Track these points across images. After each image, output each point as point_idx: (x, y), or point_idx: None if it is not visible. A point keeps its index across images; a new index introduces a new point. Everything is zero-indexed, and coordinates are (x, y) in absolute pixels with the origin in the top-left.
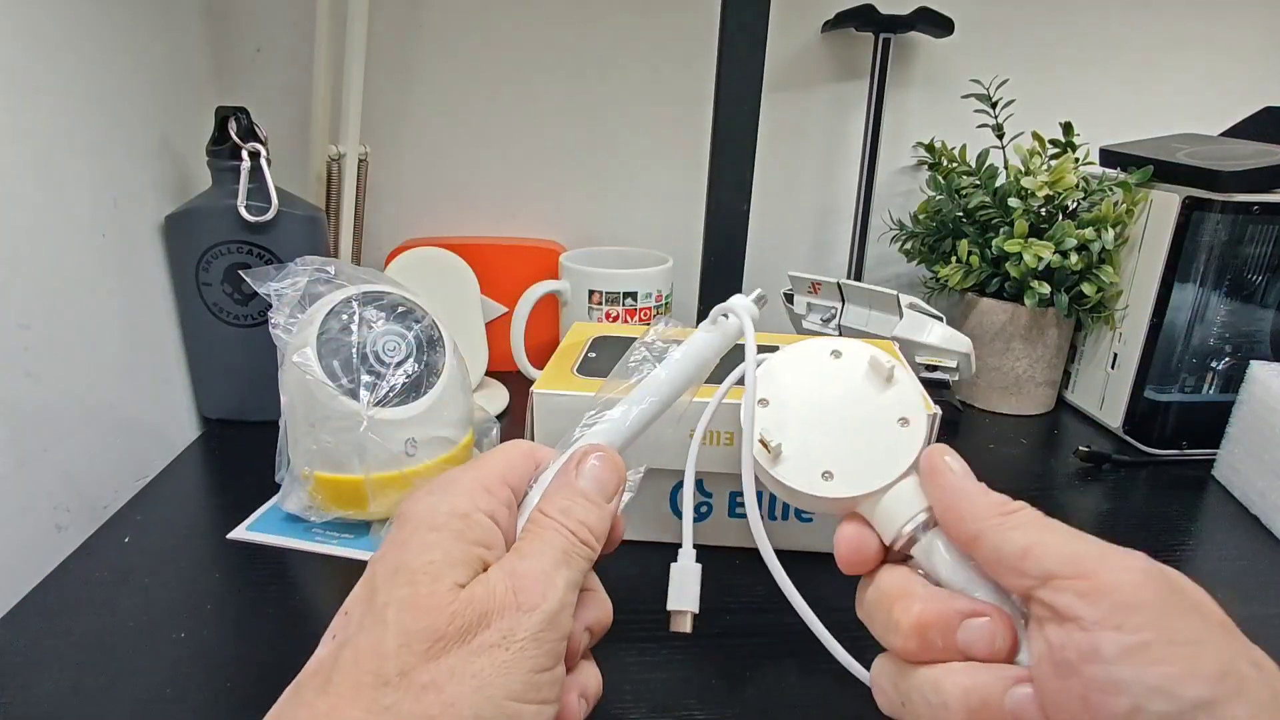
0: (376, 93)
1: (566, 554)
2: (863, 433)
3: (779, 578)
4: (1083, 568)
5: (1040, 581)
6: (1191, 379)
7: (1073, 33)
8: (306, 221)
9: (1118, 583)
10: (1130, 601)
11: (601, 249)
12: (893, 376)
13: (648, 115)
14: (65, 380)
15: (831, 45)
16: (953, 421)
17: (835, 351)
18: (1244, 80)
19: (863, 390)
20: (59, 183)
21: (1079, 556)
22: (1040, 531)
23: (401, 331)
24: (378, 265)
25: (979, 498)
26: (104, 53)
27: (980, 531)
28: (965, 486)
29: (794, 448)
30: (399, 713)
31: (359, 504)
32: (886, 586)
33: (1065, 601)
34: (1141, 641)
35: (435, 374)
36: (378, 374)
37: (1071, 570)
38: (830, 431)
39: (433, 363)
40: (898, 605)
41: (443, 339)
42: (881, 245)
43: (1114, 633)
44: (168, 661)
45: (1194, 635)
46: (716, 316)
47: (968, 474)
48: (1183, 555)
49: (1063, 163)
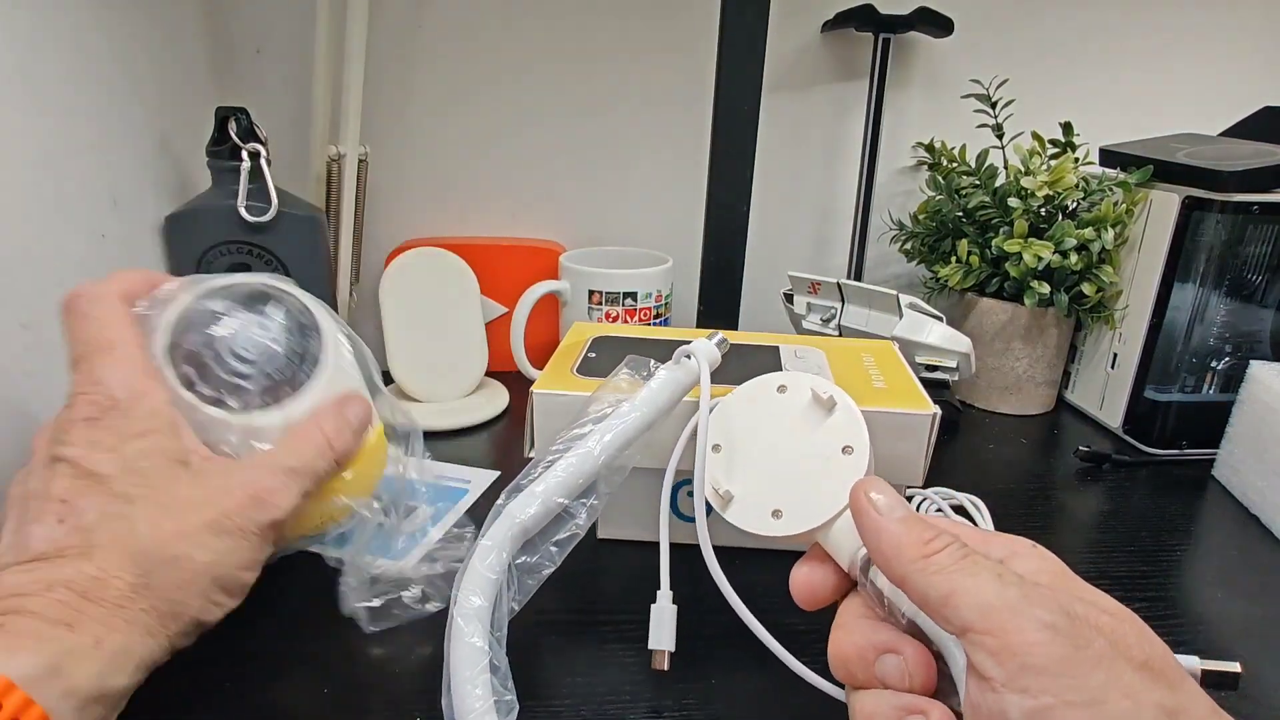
0: (376, 93)
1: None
2: (808, 466)
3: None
4: (995, 622)
5: (960, 631)
6: (1191, 379)
7: (1073, 33)
8: (306, 222)
9: (1025, 643)
10: (1036, 663)
11: (601, 249)
12: (834, 406)
13: (648, 115)
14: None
15: (831, 45)
16: (953, 421)
17: (781, 386)
18: (1244, 80)
19: (806, 423)
20: (59, 183)
21: (993, 610)
22: (960, 576)
23: (261, 321)
24: (378, 265)
25: (903, 536)
26: (104, 53)
27: (905, 575)
28: (888, 526)
29: (744, 490)
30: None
31: None
32: (838, 614)
33: (979, 659)
34: (1043, 705)
35: (311, 363)
36: (240, 374)
37: (985, 624)
38: (778, 469)
39: (307, 351)
40: (833, 635)
41: (316, 323)
42: (881, 245)
43: (1019, 696)
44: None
45: (1096, 695)
46: (679, 357)
47: (895, 505)
48: (1183, 555)
49: (1062, 163)
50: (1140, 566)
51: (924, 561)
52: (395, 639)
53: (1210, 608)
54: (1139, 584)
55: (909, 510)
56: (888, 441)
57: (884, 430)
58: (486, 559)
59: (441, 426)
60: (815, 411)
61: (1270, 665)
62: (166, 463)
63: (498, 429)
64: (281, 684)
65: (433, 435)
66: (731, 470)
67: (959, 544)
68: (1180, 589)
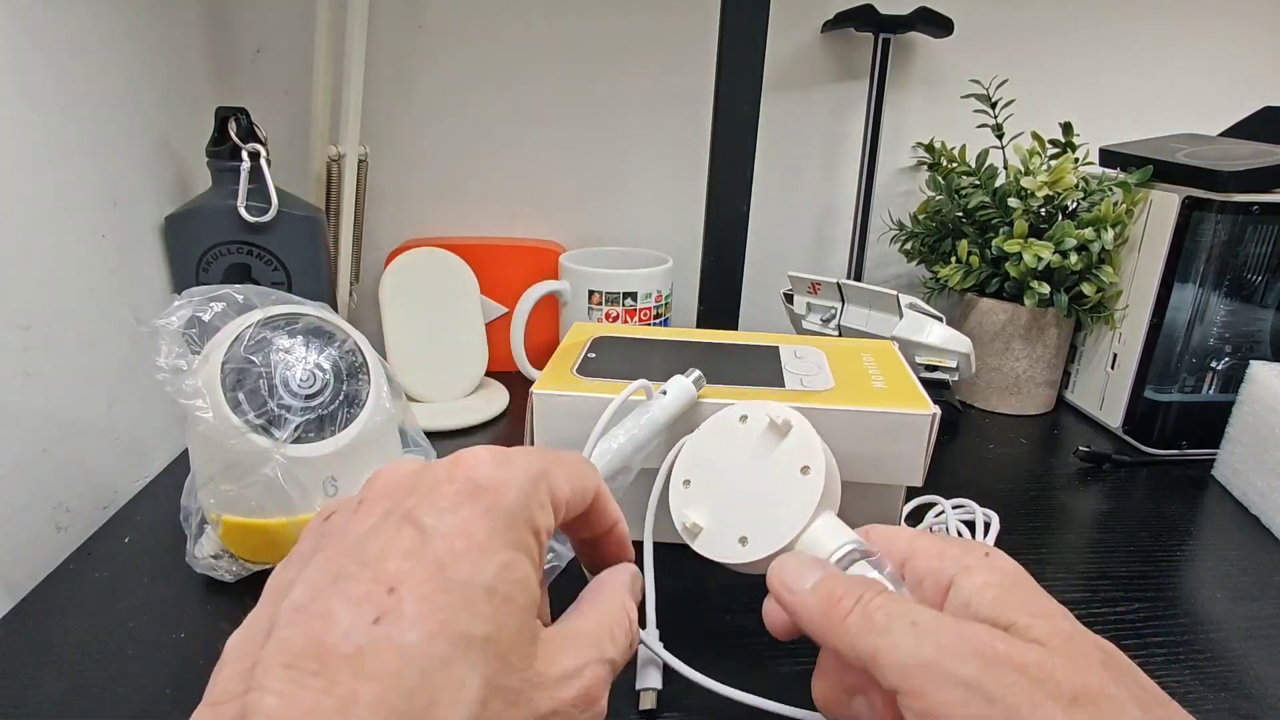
0: (376, 93)
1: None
2: (769, 490)
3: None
4: (915, 684)
5: (892, 692)
6: (1191, 379)
7: (1073, 33)
8: (306, 222)
9: (942, 703)
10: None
11: (601, 249)
12: (789, 429)
13: (648, 115)
14: (65, 380)
15: (831, 45)
16: (953, 422)
17: (742, 416)
18: (1244, 80)
19: (765, 448)
20: (59, 183)
21: (910, 671)
22: (876, 636)
23: (316, 358)
24: (378, 265)
25: (815, 607)
26: (104, 53)
27: (832, 643)
28: (801, 600)
29: (711, 521)
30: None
31: (272, 551)
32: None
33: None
34: None
35: (357, 405)
36: (288, 407)
37: (907, 686)
38: (742, 497)
39: (354, 393)
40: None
41: (366, 365)
42: (881, 245)
43: None
44: (168, 662)
45: None
46: (655, 394)
47: (805, 572)
48: (1183, 555)
49: (1062, 163)
50: (1140, 566)
51: (841, 626)
52: None
53: (1210, 608)
54: (1139, 584)
55: (821, 571)
56: (887, 441)
57: (884, 430)
58: None
59: (441, 427)
60: (773, 436)
61: (1270, 665)
62: (526, 604)
63: (498, 429)
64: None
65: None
66: (699, 502)
67: (870, 595)
68: (1180, 589)
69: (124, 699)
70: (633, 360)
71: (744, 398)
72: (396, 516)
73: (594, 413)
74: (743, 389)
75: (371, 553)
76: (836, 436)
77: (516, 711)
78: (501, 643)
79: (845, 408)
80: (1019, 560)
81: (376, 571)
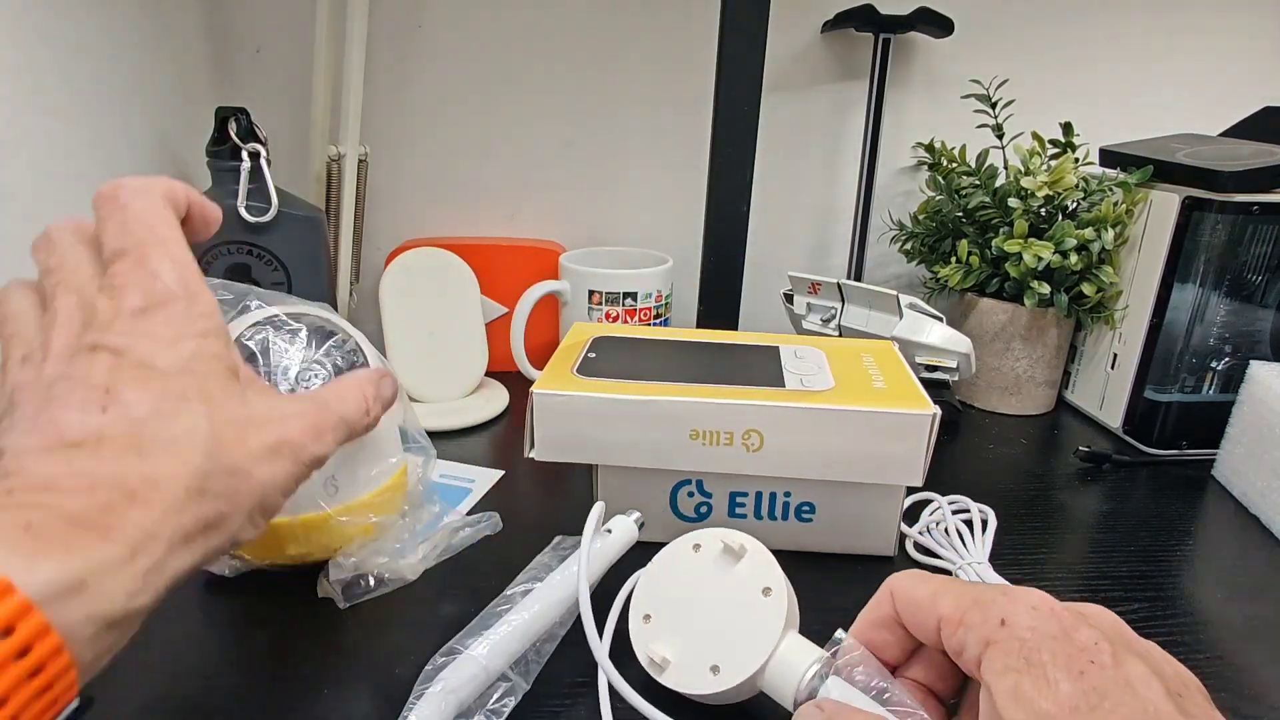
0: (376, 93)
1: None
2: (734, 616)
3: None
4: None
5: None
6: (1191, 379)
7: (1073, 33)
8: (306, 222)
9: None
10: None
11: (601, 249)
12: (744, 552)
13: (648, 115)
14: None
15: (831, 45)
16: (953, 422)
17: (695, 545)
18: (1244, 80)
19: (724, 573)
20: (59, 182)
21: None
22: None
23: (319, 357)
24: (378, 265)
25: None
26: (104, 53)
27: None
28: None
29: (679, 653)
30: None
31: (273, 549)
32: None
33: None
34: None
35: None
36: None
37: None
38: (708, 625)
39: None
40: None
41: (367, 364)
42: (881, 245)
43: None
44: (168, 662)
45: None
46: (600, 531)
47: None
48: (1183, 555)
49: (1062, 163)
50: (1140, 566)
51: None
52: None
53: (1210, 608)
54: (1139, 584)
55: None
56: (888, 441)
57: (884, 430)
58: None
59: (441, 427)
60: (728, 560)
61: (1270, 665)
62: (223, 370)
63: (498, 429)
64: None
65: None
66: (664, 635)
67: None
68: (1180, 589)
69: (124, 699)
70: (633, 360)
71: (744, 398)
72: (84, 351)
73: (594, 413)
74: (743, 389)
75: (77, 376)
76: (836, 436)
77: (246, 441)
78: (214, 397)
79: (845, 408)
80: (1019, 560)
81: (85, 385)
